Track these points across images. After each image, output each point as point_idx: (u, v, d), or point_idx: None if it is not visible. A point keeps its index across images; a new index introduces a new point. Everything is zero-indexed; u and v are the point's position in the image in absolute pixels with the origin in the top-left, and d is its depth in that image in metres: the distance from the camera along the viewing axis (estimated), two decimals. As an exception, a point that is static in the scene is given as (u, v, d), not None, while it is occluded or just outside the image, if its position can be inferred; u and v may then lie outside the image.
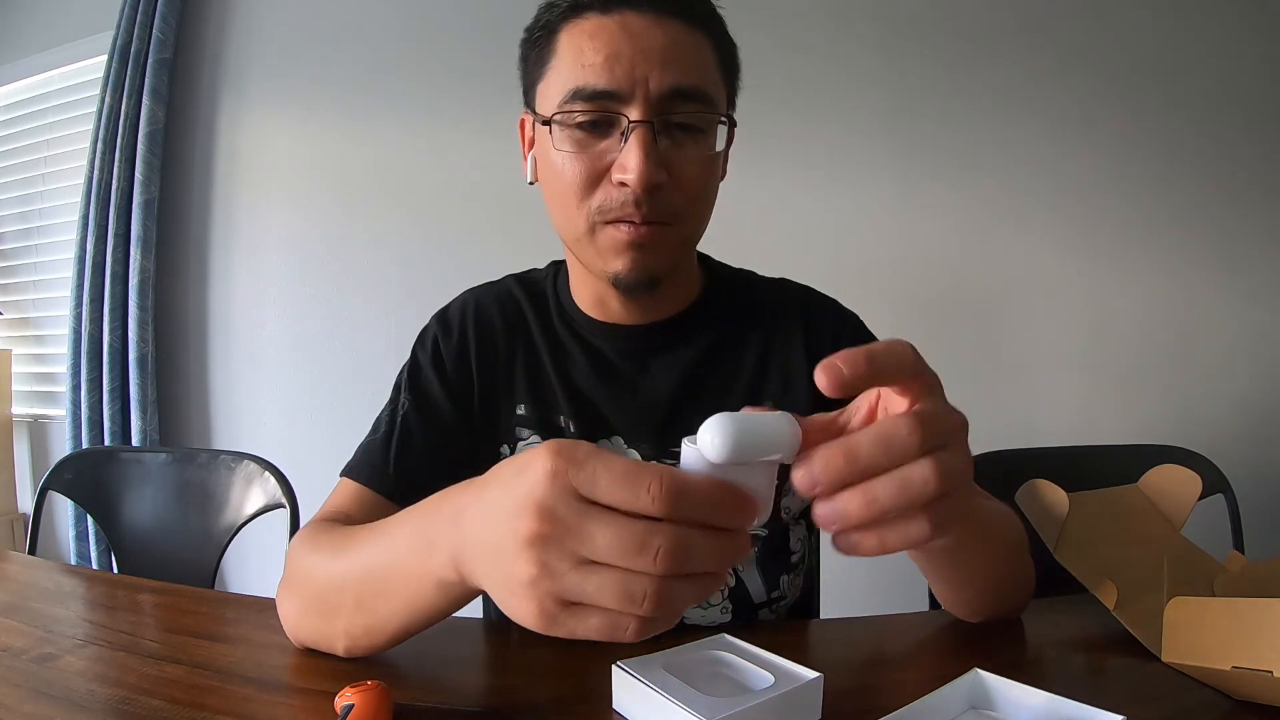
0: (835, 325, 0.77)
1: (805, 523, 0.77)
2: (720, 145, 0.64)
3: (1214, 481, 1.01)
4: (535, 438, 0.73)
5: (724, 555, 0.34)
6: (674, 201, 0.62)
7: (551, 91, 0.63)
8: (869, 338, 0.78)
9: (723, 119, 0.64)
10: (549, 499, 0.33)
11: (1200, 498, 0.77)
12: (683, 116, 0.61)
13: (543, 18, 0.65)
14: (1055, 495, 0.73)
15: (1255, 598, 0.50)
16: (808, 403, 0.72)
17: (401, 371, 0.76)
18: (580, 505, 0.33)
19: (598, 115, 0.61)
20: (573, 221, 0.64)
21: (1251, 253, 1.57)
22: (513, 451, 0.73)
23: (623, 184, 0.60)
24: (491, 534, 0.36)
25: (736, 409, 0.72)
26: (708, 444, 0.32)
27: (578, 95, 0.60)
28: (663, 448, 0.72)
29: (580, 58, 0.61)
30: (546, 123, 0.63)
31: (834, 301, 0.80)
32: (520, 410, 0.74)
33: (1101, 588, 0.64)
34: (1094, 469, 0.92)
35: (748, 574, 0.74)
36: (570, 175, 0.62)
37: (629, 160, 0.59)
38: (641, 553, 0.32)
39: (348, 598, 0.52)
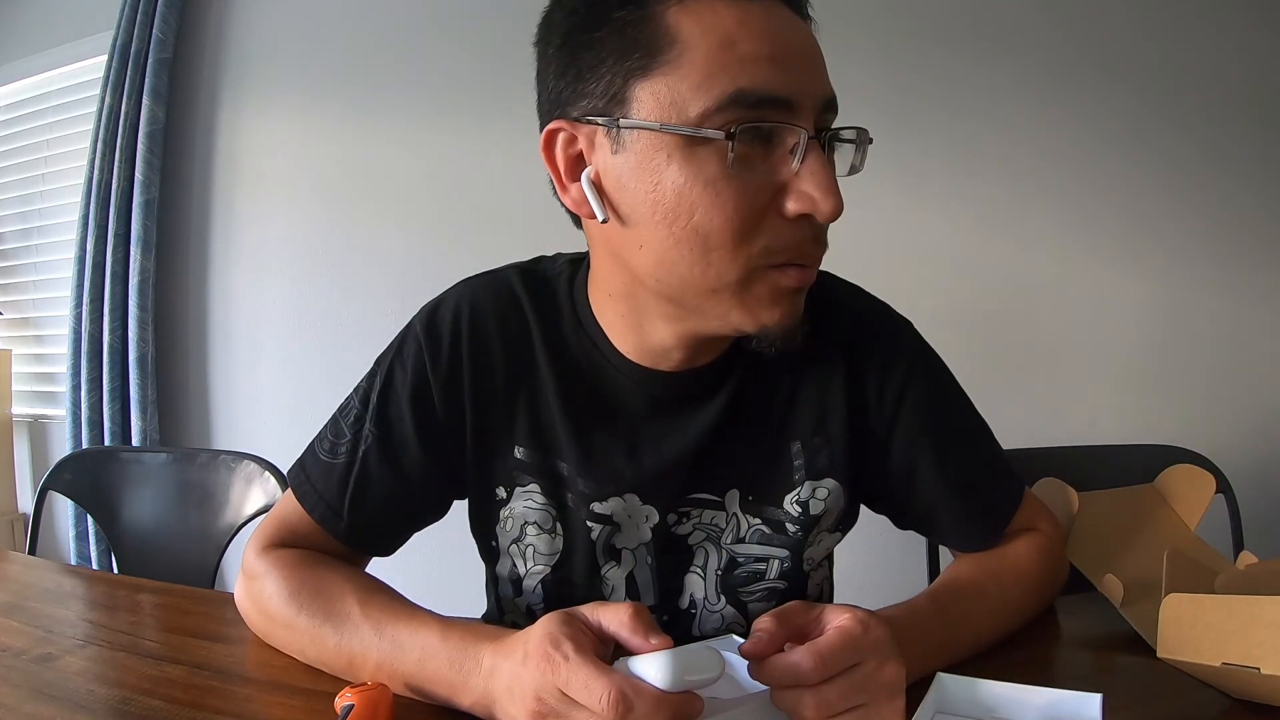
0: (883, 360, 0.64)
1: (827, 563, 0.73)
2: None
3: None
4: (535, 486, 0.64)
5: None
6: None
7: (679, 92, 0.47)
8: (923, 370, 0.66)
9: (870, 138, 0.54)
10: (541, 690, 0.41)
11: (1202, 498, 0.77)
12: (847, 132, 0.52)
13: None
14: (1066, 493, 0.74)
15: (1248, 595, 0.49)
16: (843, 449, 0.63)
17: (375, 375, 0.66)
18: (565, 698, 0.40)
19: (777, 125, 0.48)
20: (718, 270, 0.50)
21: (1252, 252, 1.57)
22: (509, 496, 0.65)
23: (802, 216, 0.49)
24: (510, 708, 0.44)
25: (760, 461, 0.65)
26: (653, 677, 0.40)
27: (739, 100, 0.46)
28: (680, 502, 0.64)
29: (732, 49, 0.46)
30: (693, 136, 0.47)
31: (885, 319, 0.67)
32: (519, 454, 0.63)
33: (1108, 585, 0.64)
34: (1093, 469, 0.93)
35: None
36: (731, 208, 0.48)
37: (815, 187, 0.48)
38: None
39: (363, 672, 0.53)
